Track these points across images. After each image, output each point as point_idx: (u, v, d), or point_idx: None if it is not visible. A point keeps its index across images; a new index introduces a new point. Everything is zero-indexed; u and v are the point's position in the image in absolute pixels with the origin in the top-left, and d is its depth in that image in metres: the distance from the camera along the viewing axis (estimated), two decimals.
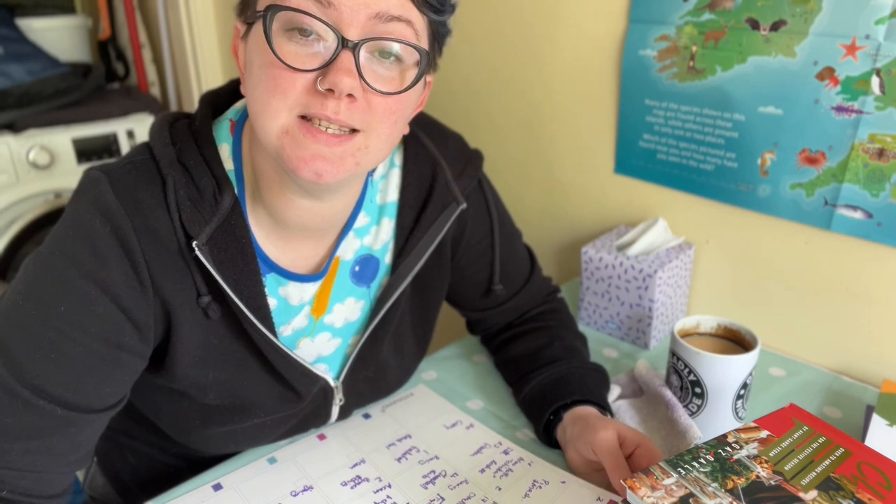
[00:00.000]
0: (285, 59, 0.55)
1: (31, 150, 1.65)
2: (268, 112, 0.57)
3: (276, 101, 0.56)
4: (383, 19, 0.56)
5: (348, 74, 0.55)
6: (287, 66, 0.55)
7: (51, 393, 0.58)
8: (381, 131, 0.60)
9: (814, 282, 0.93)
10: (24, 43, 1.80)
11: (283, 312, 0.70)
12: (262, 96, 0.57)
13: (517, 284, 0.89)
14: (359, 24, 0.55)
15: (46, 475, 0.60)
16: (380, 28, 0.56)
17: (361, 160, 0.60)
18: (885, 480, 0.57)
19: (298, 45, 0.56)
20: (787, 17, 0.85)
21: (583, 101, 1.12)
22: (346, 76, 0.55)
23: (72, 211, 0.61)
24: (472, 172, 0.79)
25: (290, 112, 0.57)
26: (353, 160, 0.59)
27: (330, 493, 0.71)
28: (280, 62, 0.55)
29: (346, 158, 0.58)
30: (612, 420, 0.72)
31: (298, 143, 0.57)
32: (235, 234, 0.64)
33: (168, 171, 0.62)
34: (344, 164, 0.59)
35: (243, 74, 0.63)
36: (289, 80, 0.56)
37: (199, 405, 0.70)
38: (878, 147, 0.82)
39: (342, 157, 0.58)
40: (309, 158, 0.57)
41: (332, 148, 0.57)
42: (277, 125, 0.57)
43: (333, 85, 0.55)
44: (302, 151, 0.57)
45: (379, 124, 0.59)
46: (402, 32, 0.57)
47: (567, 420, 0.75)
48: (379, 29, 0.56)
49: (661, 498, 0.55)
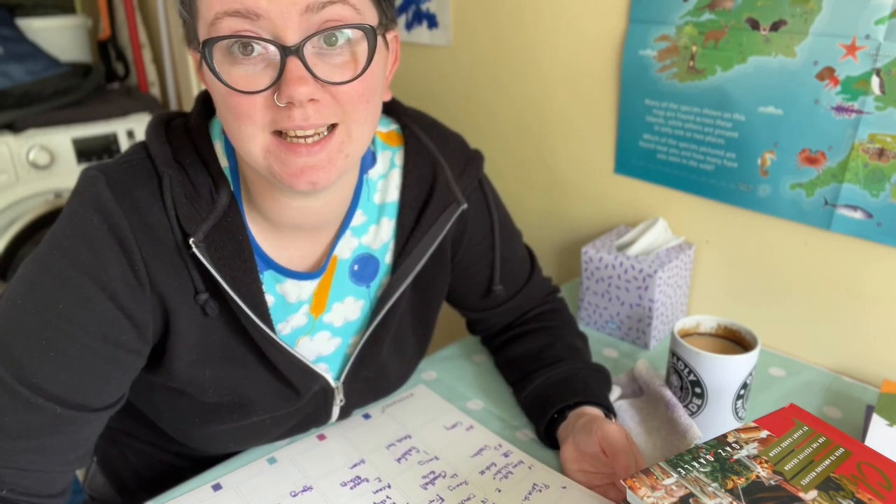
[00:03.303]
0: (237, 85, 0.55)
1: (31, 150, 1.65)
2: (243, 137, 0.57)
3: (245, 127, 0.57)
4: (315, 9, 0.54)
5: (301, 82, 0.54)
6: (241, 92, 0.55)
7: (50, 392, 0.58)
8: (357, 116, 0.59)
9: (814, 282, 0.93)
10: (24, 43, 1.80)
11: (280, 310, 0.70)
12: (233, 123, 0.57)
13: (517, 284, 0.89)
14: (294, 25, 0.54)
15: (46, 474, 0.60)
16: (315, 19, 0.54)
17: (349, 150, 0.60)
18: (885, 480, 0.57)
19: (245, 66, 0.55)
20: (787, 17, 0.85)
21: (583, 101, 1.12)
22: (300, 85, 0.54)
23: (69, 210, 0.61)
24: (473, 172, 0.79)
25: (263, 132, 0.57)
26: (341, 155, 0.59)
27: (330, 494, 0.71)
28: (234, 90, 0.55)
29: (334, 157, 0.59)
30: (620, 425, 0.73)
31: (284, 161, 0.57)
32: (232, 231, 0.64)
33: (164, 168, 0.62)
34: (334, 163, 0.59)
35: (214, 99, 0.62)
36: (249, 104, 0.55)
37: (198, 403, 0.70)
38: (878, 147, 0.82)
39: (330, 157, 0.58)
40: (299, 172, 0.57)
41: (318, 154, 0.57)
42: (257, 147, 0.57)
43: (290, 98, 0.54)
44: (290, 167, 0.57)
45: (353, 110, 0.58)
46: (339, 13, 0.55)
47: (572, 417, 0.76)
48: (315, 21, 0.54)
49: (661, 498, 0.55)
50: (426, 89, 1.40)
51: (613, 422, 0.72)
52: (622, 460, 0.67)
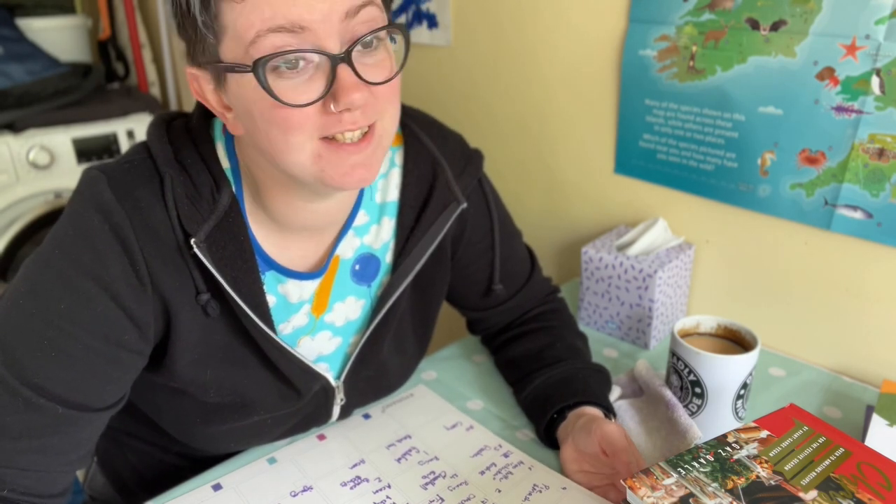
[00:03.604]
0: (289, 100, 0.55)
1: (31, 150, 1.65)
2: (292, 148, 0.57)
3: (295, 138, 0.57)
4: (352, 13, 0.55)
5: (356, 89, 0.55)
6: (299, 106, 0.55)
7: (51, 392, 0.58)
8: (391, 111, 0.61)
9: (814, 282, 0.93)
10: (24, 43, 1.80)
11: (282, 310, 0.70)
12: (279, 136, 0.57)
13: (517, 284, 0.89)
14: (335, 32, 0.54)
15: (47, 474, 0.60)
16: (355, 25, 0.55)
17: (384, 143, 0.62)
18: (885, 480, 0.57)
19: (292, 80, 0.55)
20: (787, 17, 0.85)
21: (583, 101, 1.12)
22: (356, 92, 0.55)
23: (71, 210, 0.61)
24: (473, 172, 0.79)
25: (311, 140, 0.57)
26: (381, 150, 0.61)
27: (330, 494, 0.71)
28: (291, 105, 0.55)
29: (376, 152, 0.61)
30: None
31: (335, 164, 0.58)
32: (234, 231, 0.64)
33: (165, 169, 0.62)
34: (378, 158, 0.61)
35: (225, 117, 0.61)
36: (300, 116, 0.56)
37: (199, 403, 0.70)
38: (878, 147, 0.82)
39: (374, 153, 0.60)
40: (350, 171, 0.59)
41: (364, 152, 0.59)
42: (306, 155, 0.58)
43: (349, 105, 0.55)
44: (341, 168, 0.58)
45: (387, 107, 0.61)
46: (373, 15, 0.57)
47: (571, 417, 0.76)
48: (355, 26, 0.55)
49: (661, 498, 0.55)
50: (426, 89, 1.40)
51: (613, 421, 0.72)
52: (622, 459, 0.67)
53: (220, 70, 0.57)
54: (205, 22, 0.55)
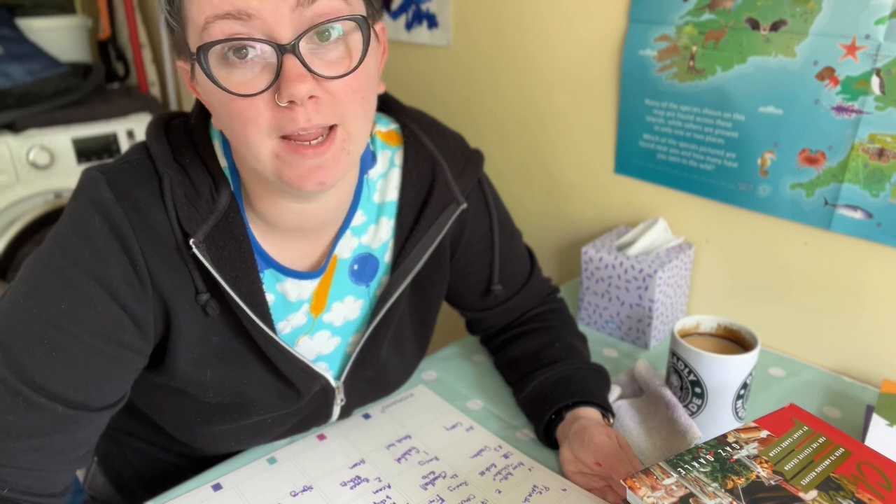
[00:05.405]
0: (238, 90, 0.54)
1: (31, 150, 1.65)
2: (251, 144, 0.57)
3: (251, 133, 0.56)
4: (306, 3, 0.54)
5: (301, 80, 0.53)
6: (241, 95, 0.55)
7: (52, 391, 0.58)
8: (355, 112, 0.59)
9: (813, 282, 0.93)
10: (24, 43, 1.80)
11: (281, 309, 0.70)
12: (237, 130, 0.57)
13: (517, 284, 0.89)
14: (286, 22, 0.53)
15: (47, 473, 0.60)
16: (307, 14, 0.54)
17: (350, 148, 0.60)
18: (885, 480, 0.57)
19: (242, 70, 0.55)
20: (787, 17, 0.85)
21: (583, 101, 1.12)
22: (300, 83, 0.53)
23: (70, 210, 0.61)
24: (473, 172, 0.79)
25: (270, 138, 0.57)
26: (344, 154, 0.59)
27: (329, 494, 0.71)
28: (234, 94, 0.54)
29: (338, 156, 0.59)
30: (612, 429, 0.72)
31: (292, 165, 0.57)
32: (233, 231, 0.64)
33: (164, 169, 0.62)
34: (339, 162, 0.59)
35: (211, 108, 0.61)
36: (251, 108, 0.55)
37: (199, 403, 0.70)
38: (878, 147, 0.82)
39: (335, 157, 0.58)
40: (307, 174, 0.57)
41: (324, 155, 0.57)
42: (265, 154, 0.57)
43: (291, 96, 0.54)
44: (298, 170, 0.57)
45: (350, 108, 0.58)
46: (330, 6, 0.55)
47: (568, 419, 0.76)
48: (307, 16, 0.54)
49: (661, 498, 0.55)
50: (426, 89, 1.40)
51: (605, 429, 0.71)
52: (618, 469, 0.67)
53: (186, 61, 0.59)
54: (170, 12, 0.57)
